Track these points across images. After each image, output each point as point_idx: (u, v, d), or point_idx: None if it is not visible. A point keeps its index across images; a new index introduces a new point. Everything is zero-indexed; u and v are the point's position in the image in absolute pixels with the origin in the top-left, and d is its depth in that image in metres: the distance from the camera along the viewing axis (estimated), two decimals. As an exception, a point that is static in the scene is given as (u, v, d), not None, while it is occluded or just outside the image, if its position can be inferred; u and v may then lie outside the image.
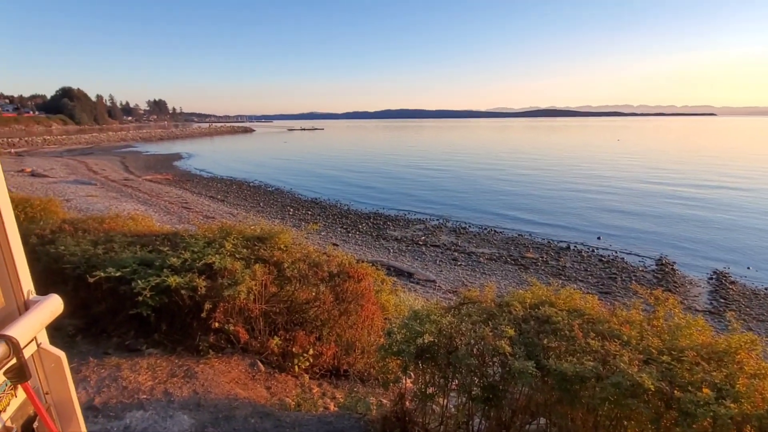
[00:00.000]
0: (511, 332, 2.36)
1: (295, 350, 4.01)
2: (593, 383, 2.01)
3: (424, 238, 14.85)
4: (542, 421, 2.40)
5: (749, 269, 11.86)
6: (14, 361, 0.87)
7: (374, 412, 3.16)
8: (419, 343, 2.51)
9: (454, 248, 13.71)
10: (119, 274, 3.59)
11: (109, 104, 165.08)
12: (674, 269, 11.89)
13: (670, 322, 2.40)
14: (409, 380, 2.85)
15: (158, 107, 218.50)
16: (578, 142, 74.80)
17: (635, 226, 16.47)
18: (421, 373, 2.69)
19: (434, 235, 15.30)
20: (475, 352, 2.39)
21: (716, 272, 11.63)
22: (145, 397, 3.08)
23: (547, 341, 2.32)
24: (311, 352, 4.08)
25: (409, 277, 10.93)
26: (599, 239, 14.79)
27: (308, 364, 4.06)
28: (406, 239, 14.67)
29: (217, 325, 3.75)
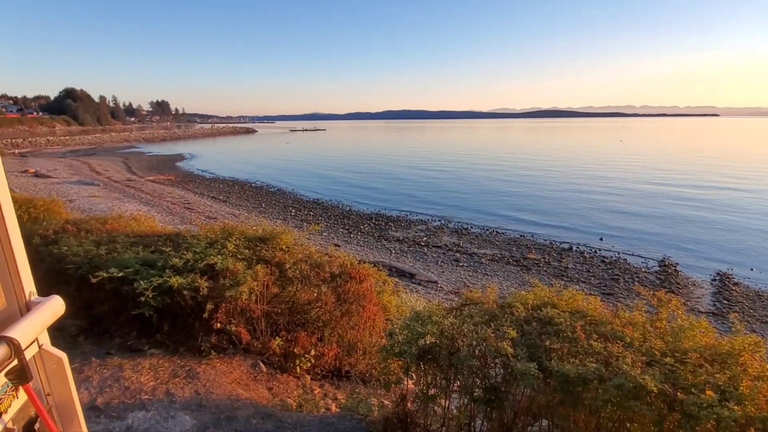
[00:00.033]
0: (513, 333, 2.36)
1: (296, 351, 4.01)
2: (596, 385, 2.01)
3: (425, 238, 14.85)
4: (544, 422, 2.40)
5: (752, 270, 11.81)
6: (15, 362, 0.87)
7: (376, 413, 3.16)
8: (421, 344, 2.51)
9: (455, 249, 13.69)
10: (122, 274, 3.60)
11: (112, 105, 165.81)
12: (677, 270, 11.84)
13: (673, 323, 2.39)
14: (410, 381, 2.85)
15: (161, 108, 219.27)
16: (580, 142, 74.65)
17: (638, 227, 16.42)
18: (422, 374, 2.69)
19: (436, 235, 15.29)
20: (477, 353, 2.39)
21: (719, 273, 11.58)
22: (147, 397, 3.08)
23: (549, 343, 2.31)
24: (313, 352, 4.08)
25: (410, 277, 10.93)
26: (602, 240, 14.76)
27: (310, 364, 4.05)
28: (407, 240, 14.67)
29: (219, 325, 3.76)
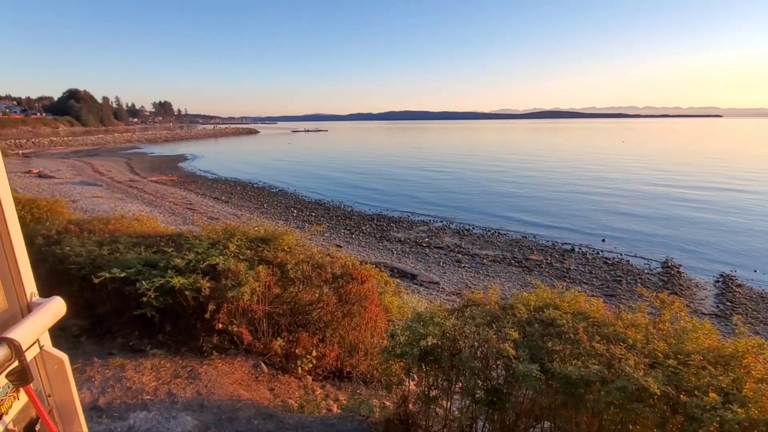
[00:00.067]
0: (515, 335, 2.35)
1: (298, 352, 4.01)
2: (598, 387, 2.00)
3: (427, 239, 14.83)
4: (546, 424, 2.39)
5: (756, 272, 11.75)
6: (16, 363, 0.87)
7: (377, 414, 3.16)
8: (422, 345, 2.51)
9: (457, 250, 13.68)
10: (124, 274, 3.61)
11: (115, 106, 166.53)
12: (680, 272, 11.79)
13: (676, 325, 2.38)
14: (412, 382, 2.85)
15: (164, 109, 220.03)
16: (583, 143, 74.51)
17: (640, 228, 16.36)
18: (424, 375, 2.69)
19: (438, 236, 15.27)
20: (478, 354, 2.39)
21: (723, 275, 11.53)
22: (148, 397, 3.09)
23: (551, 344, 2.31)
24: (314, 353, 4.08)
25: (412, 278, 10.92)
26: (604, 241, 14.71)
27: (311, 365, 4.05)
28: (409, 241, 14.66)
29: (220, 326, 3.76)
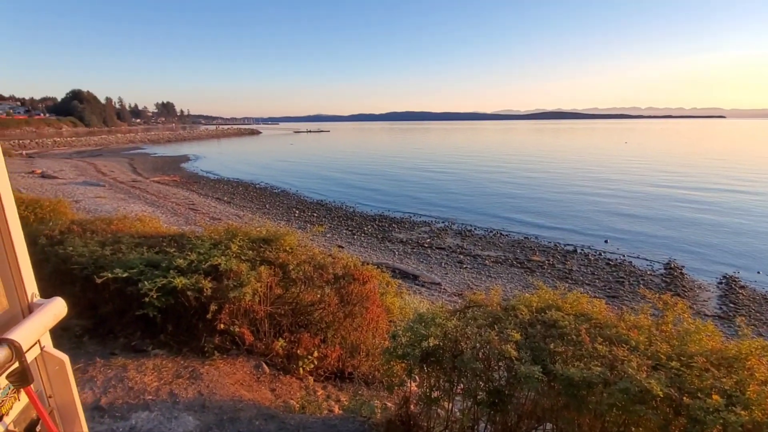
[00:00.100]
0: (517, 336, 2.34)
1: (299, 352, 4.01)
2: (601, 389, 1.99)
3: (429, 240, 14.82)
4: (548, 426, 2.38)
5: (759, 273, 11.69)
6: (17, 365, 0.87)
7: (379, 415, 3.15)
8: (424, 346, 2.50)
9: (459, 251, 13.66)
10: (126, 275, 3.62)
11: (118, 106, 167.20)
12: (683, 273, 11.75)
13: (679, 327, 2.37)
14: (413, 384, 2.84)
15: (166, 109, 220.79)
16: (585, 144, 74.38)
17: (643, 229, 16.31)
18: (426, 376, 2.68)
19: (439, 237, 15.26)
20: (480, 356, 2.38)
21: (726, 276, 11.48)
22: (150, 397, 3.09)
23: (553, 346, 2.30)
24: (316, 354, 4.08)
25: (414, 279, 10.91)
26: (606, 243, 14.67)
27: (313, 366, 4.05)
28: (411, 242, 14.65)
29: (222, 326, 3.77)
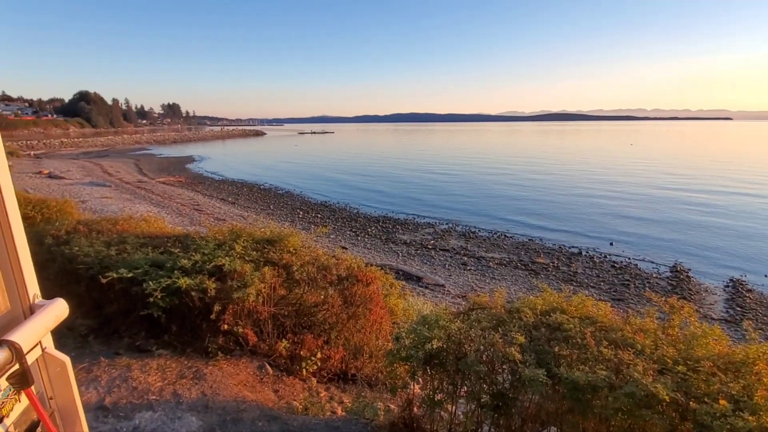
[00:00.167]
0: (521, 339, 2.33)
1: (303, 353, 4.01)
2: (606, 393, 1.97)
3: (433, 242, 14.79)
4: (553, 430, 2.36)
5: (766, 277, 11.56)
6: (17, 366, 0.87)
7: (382, 417, 3.15)
8: (428, 348, 2.49)
9: (463, 252, 13.62)
10: (131, 275, 3.64)
11: (124, 108, 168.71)
12: (689, 276, 11.64)
13: (685, 330, 2.35)
14: (417, 386, 2.83)
15: (172, 111, 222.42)
16: (590, 146, 74.00)
17: (649, 232, 16.19)
18: (429, 379, 2.67)
19: (443, 239, 15.23)
20: (484, 358, 2.37)
21: (732, 280, 11.36)
22: (154, 397, 3.10)
23: (558, 349, 2.28)
24: (319, 355, 4.08)
25: (417, 281, 10.89)
26: (612, 245, 14.56)
27: (316, 367, 4.05)
28: (415, 243, 14.63)
29: (226, 327, 3.77)
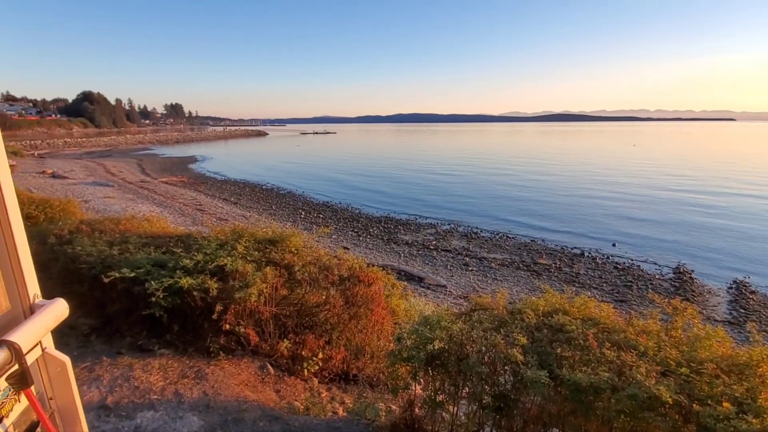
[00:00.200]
0: (523, 340, 2.32)
1: (304, 353, 4.01)
2: (608, 395, 1.96)
3: (435, 242, 14.78)
4: (555, 431, 2.35)
5: (771, 279, 11.51)
6: (16, 366, 0.86)
7: (383, 418, 3.14)
8: (429, 349, 2.49)
9: (465, 253, 13.60)
10: (133, 274, 3.65)
11: (127, 108, 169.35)
12: (692, 278, 11.58)
13: (688, 332, 2.33)
14: (418, 387, 2.82)
15: (175, 111, 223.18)
16: (593, 147, 73.80)
17: (652, 233, 16.12)
18: (430, 379, 2.66)
19: (445, 239, 15.21)
20: (486, 359, 2.36)
21: (736, 281, 11.30)
22: (156, 397, 3.11)
23: (560, 350, 2.27)
24: (321, 355, 4.07)
25: (419, 281, 10.88)
26: (614, 246, 14.52)
27: (317, 367, 4.05)
28: (416, 243, 14.62)
29: (227, 326, 3.78)
